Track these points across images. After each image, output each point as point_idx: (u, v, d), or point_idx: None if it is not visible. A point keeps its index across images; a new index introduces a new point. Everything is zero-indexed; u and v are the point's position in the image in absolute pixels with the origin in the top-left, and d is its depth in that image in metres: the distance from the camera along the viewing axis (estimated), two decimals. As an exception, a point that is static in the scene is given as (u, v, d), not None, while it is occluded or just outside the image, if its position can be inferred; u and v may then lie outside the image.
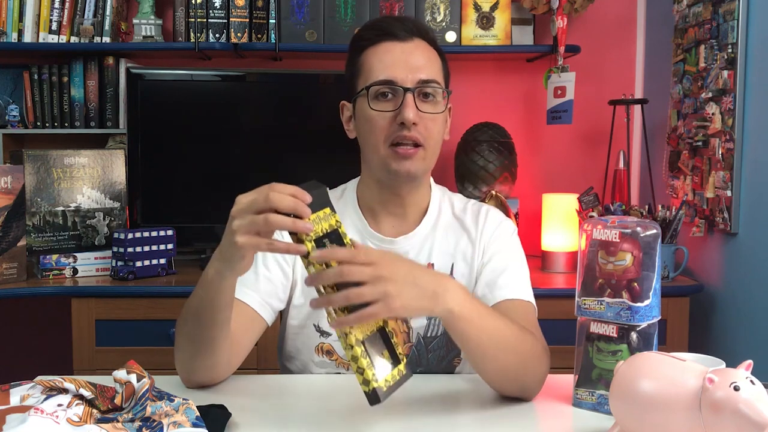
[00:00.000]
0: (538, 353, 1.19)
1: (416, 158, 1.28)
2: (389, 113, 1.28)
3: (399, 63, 1.28)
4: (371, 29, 1.34)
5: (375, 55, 1.31)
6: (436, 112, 1.30)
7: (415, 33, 1.32)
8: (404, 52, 1.29)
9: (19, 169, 2.17)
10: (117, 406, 0.97)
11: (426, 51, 1.32)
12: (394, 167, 1.28)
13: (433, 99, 1.30)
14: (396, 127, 1.27)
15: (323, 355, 1.36)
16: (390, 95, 1.28)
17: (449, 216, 1.40)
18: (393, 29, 1.31)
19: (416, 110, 1.27)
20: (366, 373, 0.96)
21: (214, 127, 2.46)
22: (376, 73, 1.29)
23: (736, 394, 0.84)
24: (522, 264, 1.37)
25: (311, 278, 0.99)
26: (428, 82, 1.29)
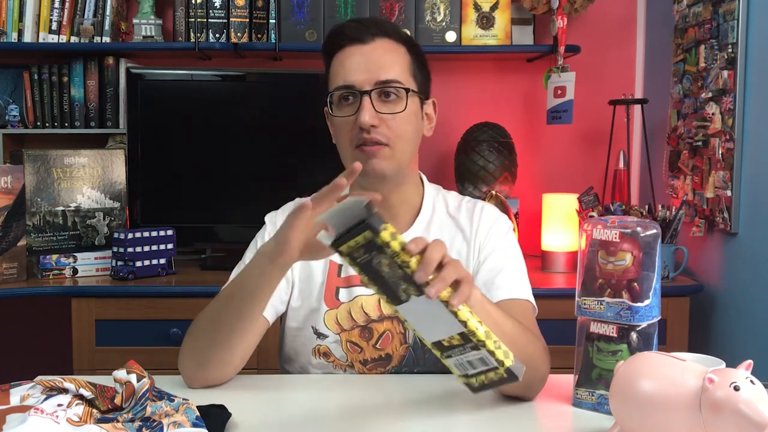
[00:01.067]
0: (540, 352, 1.20)
1: (381, 156, 1.28)
2: (350, 117, 1.29)
3: (357, 66, 1.29)
4: (336, 34, 1.34)
5: (338, 61, 1.32)
6: (396, 111, 1.29)
7: (377, 33, 1.31)
8: (364, 54, 1.30)
9: (19, 169, 2.17)
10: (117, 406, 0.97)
11: (388, 50, 1.31)
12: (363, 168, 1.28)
13: (395, 98, 1.29)
14: (357, 130, 1.28)
15: (320, 357, 1.36)
16: (351, 99, 1.29)
17: (443, 215, 1.40)
18: (354, 33, 1.31)
19: (374, 112, 1.27)
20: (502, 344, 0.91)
21: (214, 127, 2.46)
22: (336, 79, 1.31)
23: (736, 394, 0.84)
24: (519, 262, 1.37)
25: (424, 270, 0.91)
26: (387, 83, 1.28)
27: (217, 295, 1.23)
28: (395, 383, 1.29)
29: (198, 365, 1.23)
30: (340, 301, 1.35)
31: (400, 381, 1.30)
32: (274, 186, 2.41)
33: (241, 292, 1.18)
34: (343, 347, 1.35)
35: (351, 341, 1.35)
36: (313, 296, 1.36)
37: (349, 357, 1.35)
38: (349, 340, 1.35)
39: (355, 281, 1.35)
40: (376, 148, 1.28)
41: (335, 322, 1.35)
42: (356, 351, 1.35)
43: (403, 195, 1.37)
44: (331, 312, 1.35)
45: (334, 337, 1.35)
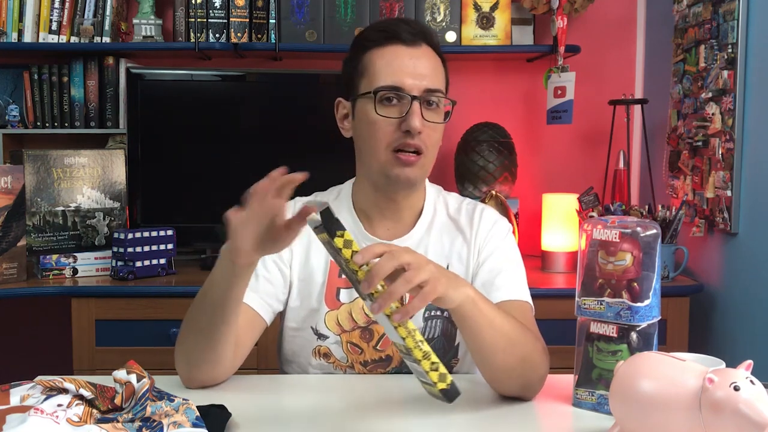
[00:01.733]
0: (539, 352, 1.20)
1: (416, 165, 1.28)
2: (394, 119, 1.27)
3: (407, 69, 1.28)
4: (378, 30, 1.33)
5: (382, 58, 1.29)
6: (440, 121, 1.30)
7: (422, 38, 1.31)
8: (412, 58, 1.29)
9: (19, 169, 2.17)
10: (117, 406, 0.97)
11: (432, 58, 1.32)
12: (394, 173, 1.28)
13: (436, 108, 1.30)
14: (400, 134, 1.27)
15: (320, 357, 1.36)
16: (395, 101, 1.28)
17: (444, 217, 1.40)
18: (400, 32, 1.30)
19: (422, 119, 1.26)
20: (440, 367, 0.95)
21: (214, 127, 2.46)
22: (382, 77, 1.28)
23: (736, 394, 0.84)
24: (518, 264, 1.37)
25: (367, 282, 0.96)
26: (433, 92, 1.29)
27: (196, 295, 1.22)
28: (395, 383, 1.29)
29: (189, 366, 1.23)
30: (340, 302, 1.35)
31: (399, 381, 1.30)
32: (274, 186, 2.41)
33: (212, 292, 1.17)
34: (344, 348, 1.35)
35: (351, 342, 1.35)
36: (313, 297, 1.36)
37: (350, 358, 1.35)
38: (349, 341, 1.35)
39: None
40: (414, 158, 1.28)
41: (336, 322, 1.35)
42: (356, 352, 1.35)
43: (413, 199, 1.38)
44: (332, 313, 1.35)
45: (335, 338, 1.35)
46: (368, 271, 0.97)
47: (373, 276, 0.96)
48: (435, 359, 0.95)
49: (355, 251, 0.97)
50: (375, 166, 1.31)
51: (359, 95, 1.31)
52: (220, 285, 1.15)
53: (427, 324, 1.35)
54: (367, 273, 0.97)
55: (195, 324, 1.20)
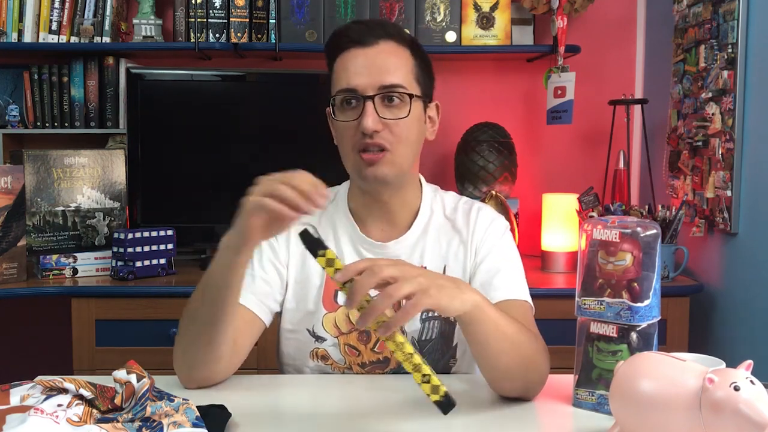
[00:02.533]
0: (540, 353, 1.19)
1: (383, 162, 1.27)
2: (352, 122, 1.28)
3: (360, 69, 1.27)
4: (339, 36, 1.33)
5: (341, 64, 1.30)
6: (400, 117, 1.28)
7: (380, 35, 1.30)
8: (368, 58, 1.28)
9: (19, 169, 2.17)
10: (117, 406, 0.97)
11: (392, 54, 1.30)
12: (363, 173, 1.29)
13: (398, 103, 1.28)
14: (359, 135, 1.27)
15: (318, 360, 1.35)
16: (353, 102, 1.28)
17: (441, 217, 1.39)
18: (358, 35, 1.29)
19: (377, 117, 1.26)
20: (432, 379, 0.95)
21: (214, 127, 2.46)
22: (339, 81, 1.29)
23: (736, 394, 0.84)
24: (516, 262, 1.36)
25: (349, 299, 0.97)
26: (391, 87, 1.27)
27: (192, 294, 1.21)
28: (395, 383, 1.29)
29: (187, 366, 1.23)
30: (338, 304, 1.35)
31: (399, 381, 1.30)
32: (274, 186, 2.41)
33: (210, 289, 1.16)
34: (341, 350, 1.35)
35: (349, 344, 1.34)
36: (309, 299, 1.36)
37: (347, 360, 1.35)
38: (347, 343, 1.34)
39: None
40: (379, 155, 1.27)
41: (333, 325, 1.34)
42: (354, 354, 1.35)
43: (403, 198, 1.37)
44: (330, 315, 1.34)
45: (332, 341, 1.34)
46: (350, 287, 0.96)
47: (353, 293, 0.96)
48: (426, 371, 0.95)
49: (338, 269, 0.97)
50: (349, 170, 1.33)
51: (329, 103, 1.33)
52: (218, 280, 1.15)
53: (425, 325, 1.34)
54: (348, 290, 0.96)
55: (193, 322, 1.20)
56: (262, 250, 1.35)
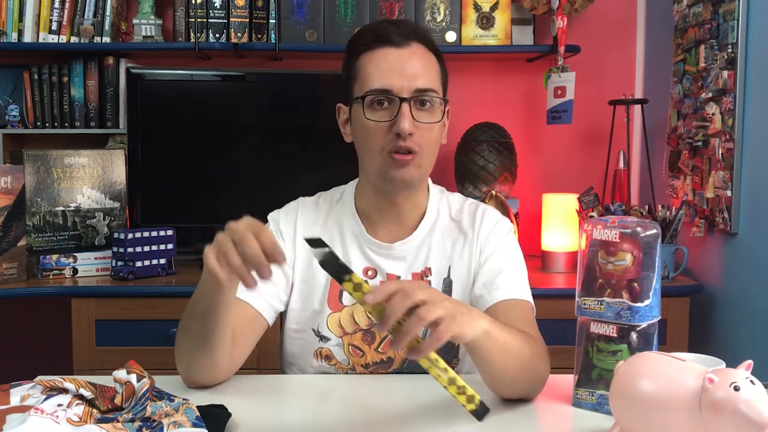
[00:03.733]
0: (541, 356, 1.20)
1: (411, 165, 1.27)
2: (385, 123, 1.26)
3: (395, 71, 1.26)
4: (368, 33, 1.32)
5: (371, 62, 1.29)
6: (433, 121, 1.28)
7: (412, 37, 1.29)
8: (401, 59, 1.27)
9: (19, 169, 2.17)
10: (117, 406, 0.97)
11: (423, 57, 1.30)
12: (391, 174, 1.28)
13: (430, 107, 1.28)
14: (392, 136, 1.26)
15: (322, 360, 1.35)
16: (386, 104, 1.27)
17: (447, 218, 1.40)
18: (390, 34, 1.28)
19: (412, 120, 1.25)
20: (467, 390, 0.96)
21: (214, 127, 2.46)
22: (371, 81, 1.27)
23: (736, 394, 0.84)
24: (519, 263, 1.37)
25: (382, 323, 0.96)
26: (425, 91, 1.27)
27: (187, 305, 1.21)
28: (396, 383, 1.29)
29: (186, 370, 1.23)
30: (343, 305, 1.35)
31: (400, 381, 1.30)
32: (274, 186, 2.41)
33: (200, 303, 1.16)
34: (345, 350, 1.35)
35: (353, 345, 1.34)
36: (315, 298, 1.36)
37: (351, 360, 1.35)
38: (351, 343, 1.34)
39: None
40: (409, 157, 1.26)
41: (338, 325, 1.34)
42: (358, 354, 1.35)
43: (414, 201, 1.37)
44: (334, 315, 1.35)
45: (337, 340, 1.34)
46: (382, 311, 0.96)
47: (387, 318, 0.96)
48: (461, 383, 0.96)
49: (365, 292, 0.96)
50: (373, 170, 1.31)
51: (353, 100, 1.31)
52: (206, 298, 1.15)
53: None
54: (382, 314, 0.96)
55: (188, 330, 1.20)
56: None
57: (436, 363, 0.97)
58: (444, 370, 0.96)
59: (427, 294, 0.99)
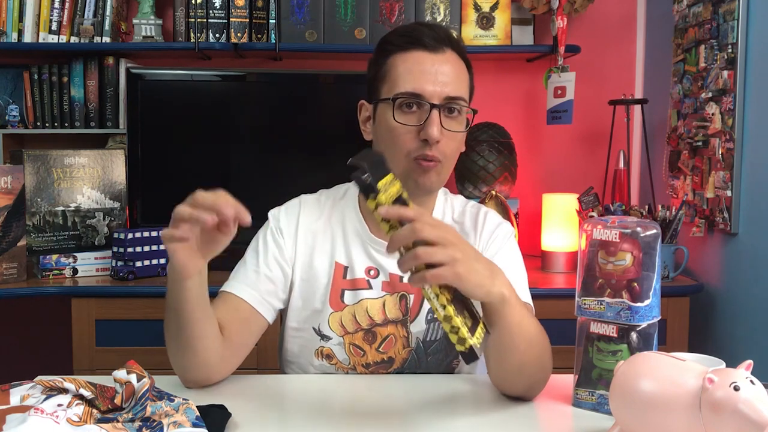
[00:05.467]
0: (548, 350, 1.20)
1: (434, 172, 1.28)
2: (413, 127, 1.26)
3: (428, 76, 1.26)
4: (401, 35, 1.31)
5: (403, 64, 1.28)
6: (459, 130, 1.29)
7: (446, 43, 1.29)
8: (433, 64, 1.27)
9: (19, 169, 2.17)
10: (117, 406, 0.97)
11: (456, 64, 1.29)
12: (414, 179, 1.28)
13: (458, 116, 1.28)
14: (419, 142, 1.26)
15: (323, 359, 1.35)
16: (415, 108, 1.26)
17: (449, 221, 1.40)
18: (423, 38, 1.28)
19: (440, 127, 1.25)
20: (461, 331, 0.96)
21: (214, 127, 2.46)
22: (402, 83, 1.27)
23: (736, 394, 0.84)
24: (520, 266, 1.37)
25: (390, 242, 0.98)
26: (455, 99, 1.27)
27: None
28: (396, 383, 1.29)
29: (180, 371, 1.24)
30: (345, 304, 1.34)
31: (401, 381, 1.30)
32: (275, 186, 2.41)
33: (175, 309, 1.17)
34: (346, 350, 1.34)
35: (354, 344, 1.34)
36: (316, 297, 1.35)
37: (352, 360, 1.35)
38: (352, 343, 1.34)
39: (360, 284, 1.34)
40: (434, 164, 1.27)
41: (339, 324, 1.34)
42: (359, 354, 1.34)
43: (425, 203, 1.37)
44: (336, 314, 1.34)
45: (338, 340, 1.34)
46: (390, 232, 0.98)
47: (392, 243, 0.97)
48: (457, 323, 0.96)
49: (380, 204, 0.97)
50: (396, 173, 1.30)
51: (380, 100, 1.30)
52: (178, 301, 1.16)
53: (430, 326, 1.34)
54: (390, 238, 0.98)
55: (170, 334, 1.22)
56: (267, 247, 1.35)
57: (435, 298, 0.97)
58: (442, 306, 0.97)
59: (438, 236, 0.98)
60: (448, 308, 0.97)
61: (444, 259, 0.97)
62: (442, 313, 0.97)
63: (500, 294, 1.05)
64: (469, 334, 0.97)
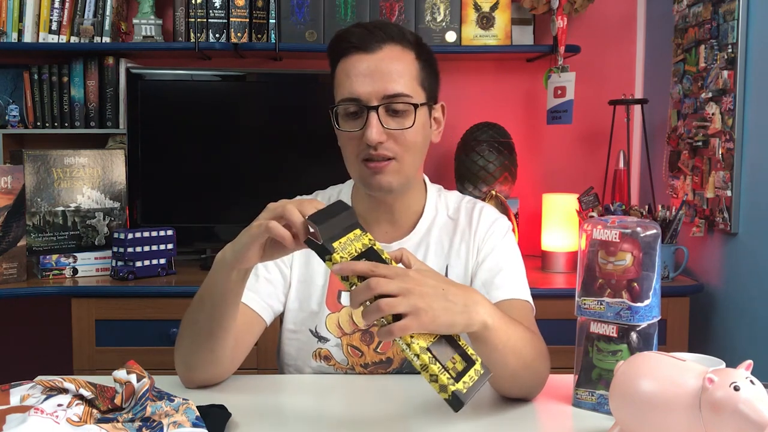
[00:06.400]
0: (542, 357, 1.19)
1: (388, 171, 1.26)
2: (356, 132, 1.26)
3: (364, 78, 1.24)
4: (340, 40, 1.30)
5: (343, 70, 1.28)
6: (404, 127, 1.26)
7: (383, 39, 1.26)
8: (371, 64, 1.25)
9: (19, 169, 2.17)
10: (117, 406, 0.97)
11: (396, 59, 1.26)
12: (368, 182, 1.28)
13: (403, 112, 1.26)
14: (364, 145, 1.25)
15: (321, 360, 1.35)
16: (357, 112, 1.26)
17: (444, 217, 1.39)
18: (360, 40, 1.26)
19: (381, 129, 1.24)
20: (440, 378, 0.93)
21: (214, 127, 2.46)
22: (341, 89, 1.27)
23: (736, 394, 0.84)
24: (518, 262, 1.36)
25: (351, 300, 0.97)
26: (395, 97, 1.25)
27: (194, 297, 1.20)
28: (395, 383, 1.29)
29: (186, 368, 1.23)
30: (342, 305, 1.34)
31: (400, 381, 1.30)
32: (274, 185, 2.41)
33: (210, 296, 1.16)
34: (344, 351, 1.34)
35: (352, 345, 1.34)
36: (313, 299, 1.35)
37: (350, 361, 1.35)
38: (350, 344, 1.34)
39: None
40: (383, 164, 1.26)
41: (336, 325, 1.34)
42: (357, 355, 1.34)
43: (408, 201, 1.36)
44: (333, 315, 1.34)
45: (335, 341, 1.34)
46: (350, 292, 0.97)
47: (352, 301, 0.96)
48: (434, 371, 0.93)
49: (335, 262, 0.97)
50: (354, 177, 1.32)
51: (330, 108, 1.31)
52: (217, 289, 1.14)
53: None
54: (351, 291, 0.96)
55: (193, 326, 1.20)
56: None
57: (410, 347, 0.94)
58: (415, 356, 0.94)
59: (397, 286, 0.96)
60: (422, 357, 0.94)
61: (406, 310, 0.95)
62: (417, 362, 0.94)
63: (481, 323, 1.02)
64: (451, 380, 0.93)
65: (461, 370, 0.97)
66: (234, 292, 1.14)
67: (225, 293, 1.14)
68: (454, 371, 0.96)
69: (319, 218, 0.99)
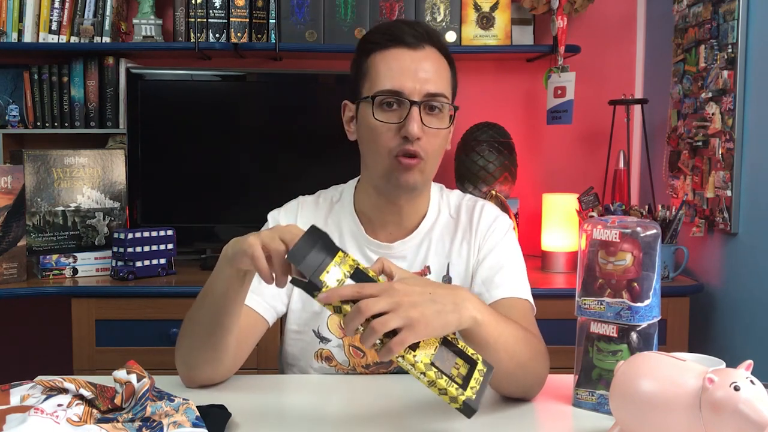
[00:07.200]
0: (540, 356, 1.19)
1: (416, 170, 1.27)
2: (393, 125, 1.25)
3: (407, 73, 1.25)
4: (381, 33, 1.30)
5: (383, 62, 1.27)
6: (441, 127, 1.28)
7: (426, 40, 1.28)
8: (413, 61, 1.26)
9: (19, 169, 2.17)
10: (117, 406, 0.97)
11: (436, 61, 1.29)
12: (396, 177, 1.27)
13: (439, 113, 1.28)
14: (400, 139, 1.25)
15: (322, 361, 1.35)
16: (395, 105, 1.26)
17: (446, 216, 1.40)
18: (403, 35, 1.27)
19: (421, 124, 1.24)
20: (449, 391, 0.94)
21: (214, 127, 2.46)
22: (382, 81, 1.26)
23: (736, 394, 0.84)
24: (519, 261, 1.36)
25: (344, 327, 0.96)
26: (436, 96, 1.26)
27: (197, 296, 1.20)
28: (396, 383, 1.29)
29: (188, 367, 1.23)
30: None
31: (400, 381, 1.30)
32: (274, 186, 2.41)
33: (213, 296, 1.16)
34: (346, 351, 1.34)
35: (353, 345, 1.34)
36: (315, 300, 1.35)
37: (351, 361, 1.35)
38: (351, 344, 1.34)
39: None
40: (415, 162, 1.26)
41: (338, 326, 1.34)
42: (358, 355, 1.34)
43: (416, 204, 1.37)
44: (334, 316, 1.34)
45: (337, 342, 1.34)
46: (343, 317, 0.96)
47: (346, 327, 0.96)
48: (443, 385, 0.94)
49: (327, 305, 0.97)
50: (378, 171, 1.29)
51: (361, 99, 1.30)
52: (221, 289, 1.14)
53: None
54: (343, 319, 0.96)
55: (195, 326, 1.20)
56: None
57: (414, 366, 0.95)
58: (422, 374, 0.95)
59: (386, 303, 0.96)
60: (428, 374, 0.95)
61: (399, 324, 0.95)
62: (425, 380, 0.95)
63: (471, 319, 1.03)
64: (459, 390, 0.94)
65: (465, 374, 0.98)
66: (234, 290, 1.14)
67: (225, 290, 1.14)
68: (460, 377, 0.96)
69: (298, 253, 0.98)
